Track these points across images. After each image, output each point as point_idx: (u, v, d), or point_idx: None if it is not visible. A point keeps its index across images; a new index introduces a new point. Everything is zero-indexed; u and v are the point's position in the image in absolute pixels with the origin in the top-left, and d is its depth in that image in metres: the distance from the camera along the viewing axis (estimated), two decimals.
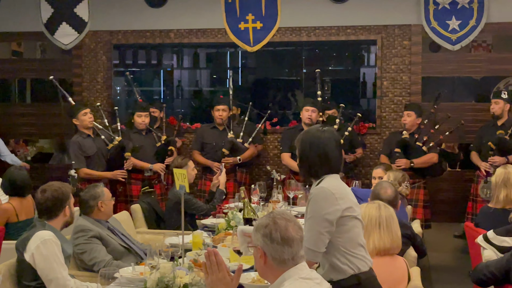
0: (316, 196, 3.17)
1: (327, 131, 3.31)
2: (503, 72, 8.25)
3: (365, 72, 9.31)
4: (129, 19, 8.62)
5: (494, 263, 3.45)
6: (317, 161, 3.25)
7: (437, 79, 8.41)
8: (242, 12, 8.15)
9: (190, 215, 5.78)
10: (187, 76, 10.24)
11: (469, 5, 7.70)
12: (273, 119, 8.51)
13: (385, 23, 8.12)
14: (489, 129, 6.99)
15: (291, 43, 8.61)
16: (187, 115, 9.38)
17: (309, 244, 3.10)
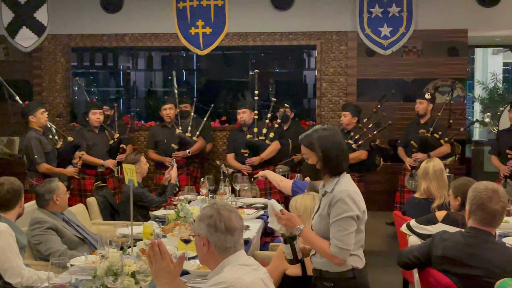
0: (344, 197, 3.11)
1: (334, 129, 3.33)
2: (432, 74, 8.45)
3: (307, 75, 9.40)
4: (86, 24, 8.54)
5: (417, 248, 3.53)
6: (341, 159, 3.22)
7: (371, 81, 8.56)
8: (192, 18, 8.11)
9: (144, 207, 5.75)
10: (142, 77, 10.17)
11: (399, 14, 7.85)
12: (222, 117, 8.53)
13: (324, 29, 8.24)
14: (414, 127, 7.15)
15: (238, 47, 8.66)
16: (142, 114, 9.32)
17: (342, 244, 3.07)
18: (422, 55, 8.41)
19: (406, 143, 7.17)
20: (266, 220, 5.28)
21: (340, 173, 3.21)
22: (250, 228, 4.79)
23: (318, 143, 3.20)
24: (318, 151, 3.19)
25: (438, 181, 4.89)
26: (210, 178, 5.95)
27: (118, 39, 8.56)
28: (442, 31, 8.17)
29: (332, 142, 3.20)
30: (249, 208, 5.57)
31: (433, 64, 8.33)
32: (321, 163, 3.20)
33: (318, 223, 3.21)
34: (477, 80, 13.74)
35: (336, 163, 3.20)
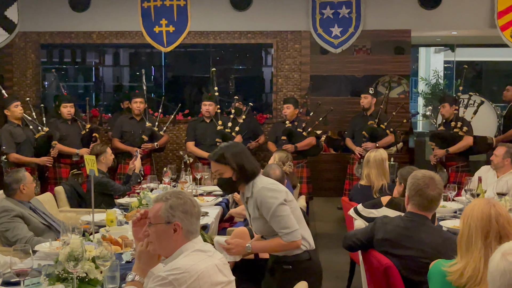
0: (264, 195, 3.15)
1: (236, 142, 3.39)
2: (380, 71, 8.50)
3: (264, 71, 9.39)
4: (55, 22, 8.34)
5: (360, 231, 3.54)
6: (253, 164, 3.24)
7: (324, 77, 8.58)
8: (156, 17, 8.01)
9: (109, 195, 5.66)
10: (110, 73, 10.00)
11: (349, 15, 7.88)
12: (185, 110, 8.46)
13: (280, 29, 8.22)
14: (360, 119, 7.22)
15: (200, 45, 8.58)
16: (109, 107, 9.17)
17: (289, 229, 3.13)
18: (371, 53, 8.45)
19: (353, 134, 7.24)
20: (225, 207, 5.28)
21: (254, 178, 3.22)
22: (208, 214, 4.75)
23: (231, 155, 3.19)
24: (233, 164, 3.17)
25: (377, 169, 4.94)
26: (172, 168, 5.89)
27: (86, 36, 8.39)
28: (388, 31, 8.24)
29: (241, 152, 3.22)
30: (209, 196, 5.54)
31: (380, 61, 8.41)
32: (237, 174, 3.19)
33: (259, 226, 3.24)
34: (421, 76, 13.95)
35: (250, 170, 3.20)
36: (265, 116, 8.34)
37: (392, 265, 3.15)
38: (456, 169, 6.65)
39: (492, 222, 2.39)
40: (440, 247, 3.08)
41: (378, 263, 3.20)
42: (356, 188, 5.17)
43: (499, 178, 5.44)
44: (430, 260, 2.80)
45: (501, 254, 1.81)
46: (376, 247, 3.34)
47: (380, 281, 3.19)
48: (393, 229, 3.28)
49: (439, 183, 3.25)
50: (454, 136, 6.56)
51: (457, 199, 5.22)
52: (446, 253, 2.88)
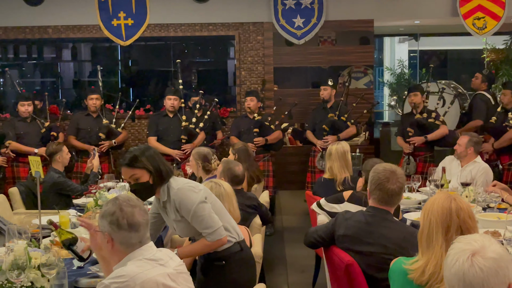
0: (182, 196, 3.08)
1: (146, 145, 3.30)
2: (345, 62, 8.43)
3: (228, 64, 9.23)
4: (9, 17, 8.05)
5: (322, 227, 3.45)
6: (167, 164, 3.17)
7: (288, 69, 8.47)
8: (114, 10, 7.81)
9: (66, 196, 5.47)
10: (68, 68, 9.72)
11: (311, 5, 7.79)
12: (147, 105, 8.27)
13: (241, 20, 8.09)
14: (320, 111, 7.14)
15: (161, 38, 8.39)
16: (68, 103, 8.90)
17: (212, 228, 3.08)
18: (336, 44, 8.37)
19: (314, 127, 7.16)
20: None
21: (168, 180, 3.12)
22: None
23: (146, 158, 3.07)
24: (149, 166, 3.06)
25: (340, 161, 4.88)
26: None
27: (41, 31, 8.11)
28: (351, 21, 8.16)
29: (155, 154, 3.12)
30: None
31: (344, 52, 8.34)
32: (154, 177, 3.08)
33: (183, 228, 3.17)
34: (386, 66, 13.98)
35: (166, 172, 3.10)
36: (229, 109, 8.20)
37: (354, 262, 3.06)
38: (424, 159, 6.63)
39: (452, 216, 2.31)
40: (402, 242, 3.00)
41: (340, 260, 3.11)
42: (319, 182, 5.10)
43: (463, 167, 5.41)
44: (392, 256, 2.72)
45: (468, 254, 1.73)
46: (337, 243, 3.26)
47: (342, 278, 3.11)
48: (354, 224, 3.19)
49: (401, 177, 3.17)
50: (432, 125, 6.55)
51: (422, 190, 5.18)
52: (408, 248, 2.80)
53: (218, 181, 3.60)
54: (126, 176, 3.11)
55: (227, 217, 3.27)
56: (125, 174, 3.11)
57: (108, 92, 7.38)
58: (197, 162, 4.99)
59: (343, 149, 4.93)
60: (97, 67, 7.33)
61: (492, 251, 1.74)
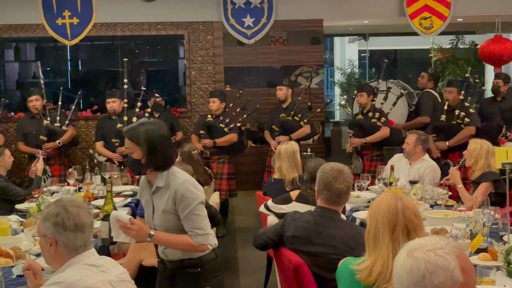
0: (187, 189, 2.87)
1: (160, 123, 2.99)
2: (296, 62, 8.41)
3: (178, 63, 9.11)
4: None
5: (271, 229, 3.41)
6: (169, 151, 2.92)
7: (239, 69, 8.41)
8: (58, 9, 7.57)
9: (10, 201, 5.26)
10: (12, 68, 9.39)
11: (261, 5, 7.76)
12: (94, 106, 8.06)
13: (191, 20, 7.98)
14: (276, 111, 7.10)
15: (108, 37, 8.20)
16: (11, 105, 8.59)
17: (203, 231, 2.90)
18: (288, 44, 8.35)
19: (271, 126, 7.13)
20: (134, 207, 5.01)
21: (166, 167, 2.92)
22: None
23: (144, 137, 2.86)
24: (144, 145, 2.86)
25: (289, 161, 4.85)
26: (78, 168, 5.55)
27: None
28: (301, 21, 8.16)
29: (159, 136, 2.89)
30: (117, 196, 5.25)
31: (295, 52, 8.33)
32: (146, 158, 2.87)
33: (167, 221, 2.91)
34: (336, 66, 14.12)
35: (163, 158, 2.89)
36: (179, 110, 8.08)
37: (303, 263, 3.03)
38: (371, 158, 6.68)
39: (399, 215, 2.29)
40: (351, 241, 2.99)
41: (289, 261, 3.08)
42: (269, 182, 5.07)
43: (411, 165, 5.47)
44: (341, 256, 2.70)
45: (406, 252, 1.68)
46: (286, 244, 3.22)
47: (291, 279, 3.07)
48: (303, 225, 3.17)
49: (348, 176, 3.16)
50: (372, 126, 6.58)
51: (371, 189, 5.21)
52: (356, 247, 2.78)
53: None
54: (125, 146, 2.95)
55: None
56: (125, 143, 2.95)
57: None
58: None
59: (292, 149, 4.90)
60: (37, 63, 7.07)
61: (421, 251, 1.65)
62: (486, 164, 4.66)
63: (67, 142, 6.90)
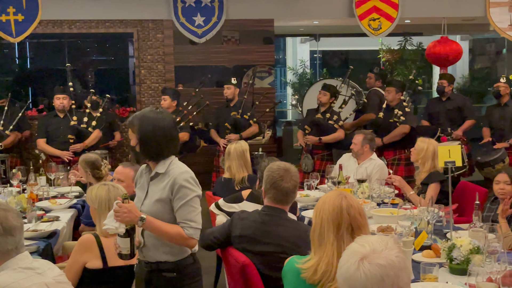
0: (188, 179, 2.76)
1: (164, 112, 2.91)
2: (247, 61, 8.40)
3: (128, 62, 8.97)
4: None
5: (218, 229, 3.39)
6: (163, 142, 2.80)
7: (190, 68, 8.33)
8: (3, 5, 7.32)
9: None
10: None
11: (211, 4, 7.70)
12: (40, 105, 7.86)
13: (140, 18, 7.87)
14: (224, 110, 7.09)
15: (55, 35, 7.98)
16: None
17: (196, 224, 2.78)
18: (240, 43, 8.33)
19: (218, 126, 7.10)
20: (80, 209, 4.89)
21: (162, 158, 2.82)
22: (60, 219, 4.37)
23: (138, 124, 2.80)
24: (138, 134, 2.80)
25: (238, 160, 4.84)
26: (22, 169, 5.38)
27: None
28: (252, 21, 8.16)
29: (154, 126, 2.78)
30: (63, 198, 5.12)
31: (247, 51, 8.33)
32: (139, 146, 2.81)
33: (157, 209, 2.77)
34: (288, 66, 14.19)
35: (155, 148, 2.79)
36: (128, 109, 7.95)
37: (250, 263, 3.01)
38: (321, 157, 6.73)
39: (343, 214, 2.30)
40: (297, 240, 2.99)
41: (235, 261, 3.06)
42: (219, 182, 5.04)
43: (359, 165, 5.54)
44: (288, 255, 2.69)
45: (359, 258, 1.65)
46: (234, 244, 3.20)
47: (239, 279, 3.05)
48: (250, 224, 3.15)
49: (295, 175, 3.16)
50: (329, 127, 6.64)
51: (320, 188, 5.25)
52: (303, 246, 2.78)
53: (114, 184, 3.40)
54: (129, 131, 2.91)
55: None
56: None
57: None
58: (86, 170, 4.78)
59: (242, 148, 4.89)
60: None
61: (382, 258, 1.65)
62: (432, 165, 4.76)
63: (9, 145, 6.73)
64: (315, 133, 6.67)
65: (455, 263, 2.97)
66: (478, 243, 3.01)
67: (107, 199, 3.22)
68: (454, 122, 7.01)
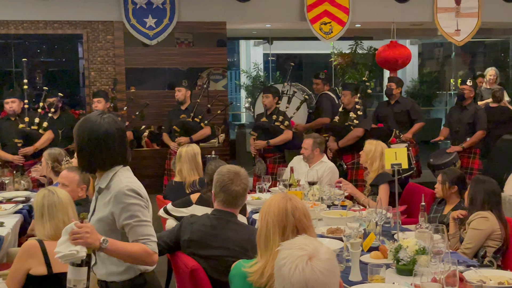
0: (126, 194, 2.50)
1: (107, 118, 2.59)
2: (200, 64, 8.32)
3: (77, 63, 8.79)
4: None
5: (167, 233, 3.35)
6: (97, 152, 2.53)
7: (142, 70, 8.22)
8: None
9: None
10: None
11: (163, 5, 7.64)
12: None
13: (89, 19, 7.73)
14: (175, 113, 7.03)
15: (1, 36, 7.76)
16: None
17: (154, 237, 2.55)
18: (194, 46, 8.26)
19: (169, 129, 7.04)
20: (26, 214, 4.76)
21: (103, 168, 2.57)
22: (4, 225, 4.24)
23: (75, 131, 2.58)
24: (77, 141, 2.58)
25: (189, 163, 4.81)
26: None
27: None
28: (204, 23, 8.11)
29: (88, 134, 2.53)
30: (8, 203, 4.97)
31: (200, 54, 8.26)
32: (78, 154, 2.59)
33: (99, 229, 2.47)
34: (242, 69, 14.21)
35: (88, 158, 2.55)
36: (77, 111, 7.79)
37: (199, 267, 2.99)
38: (273, 160, 6.75)
39: (288, 216, 2.31)
40: (246, 244, 2.98)
41: (184, 265, 3.03)
42: (170, 185, 4.99)
43: (310, 167, 5.58)
44: (237, 258, 2.69)
45: (307, 260, 1.67)
46: (183, 248, 3.17)
47: (188, 284, 3.02)
48: (200, 228, 3.13)
49: (244, 178, 3.16)
50: (276, 129, 6.65)
51: (272, 190, 5.26)
52: (252, 250, 2.77)
53: (53, 189, 3.31)
54: None
55: None
56: None
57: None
58: (47, 162, 4.92)
59: (193, 152, 4.86)
60: None
61: (325, 252, 1.70)
62: (380, 165, 4.85)
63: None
64: (264, 137, 6.68)
65: (402, 264, 3.02)
66: (423, 244, 3.07)
67: (40, 205, 3.13)
68: (402, 125, 7.14)
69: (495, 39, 13.90)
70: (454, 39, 8.26)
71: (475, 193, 3.92)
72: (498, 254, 3.81)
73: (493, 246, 3.78)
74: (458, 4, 8.20)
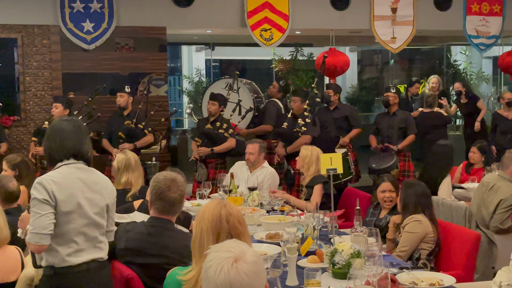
0: (35, 183, 2.80)
1: (68, 120, 2.97)
2: (141, 69, 8.18)
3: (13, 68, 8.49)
4: None
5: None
6: (53, 149, 2.90)
7: (80, 75, 8.02)
8: None
9: None
10: None
11: (101, 10, 7.50)
12: None
13: (25, 22, 7.49)
14: (117, 119, 6.92)
15: None
16: None
17: (33, 228, 2.74)
18: (135, 51, 8.14)
19: (110, 134, 6.92)
20: None
21: (54, 165, 2.90)
22: None
23: (48, 132, 2.95)
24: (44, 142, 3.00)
25: (139, 170, 4.68)
26: None
27: None
28: (144, 28, 8.01)
29: (48, 133, 2.93)
30: None
31: (140, 59, 8.14)
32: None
33: None
34: (184, 74, 14.15)
35: (49, 154, 2.94)
36: (12, 118, 7.54)
37: (135, 276, 2.95)
38: (215, 166, 6.73)
39: (222, 222, 2.31)
40: (184, 251, 2.95)
41: (120, 274, 2.98)
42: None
43: (251, 173, 5.60)
44: (174, 266, 2.66)
45: (233, 261, 1.68)
46: (118, 257, 3.12)
47: None
48: (136, 236, 3.09)
49: (181, 185, 3.13)
50: (220, 136, 6.64)
51: (212, 196, 5.25)
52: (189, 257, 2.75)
53: None
54: None
55: (66, 237, 2.87)
56: None
57: None
58: None
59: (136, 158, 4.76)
60: None
61: (251, 255, 1.72)
62: (316, 169, 4.94)
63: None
64: (207, 144, 6.66)
65: (337, 267, 3.07)
66: (358, 247, 3.13)
67: None
68: (341, 130, 7.27)
69: (431, 46, 14.37)
70: (390, 46, 8.48)
71: (407, 197, 4.03)
72: (431, 256, 3.92)
73: (427, 249, 3.89)
74: (394, 13, 8.42)
